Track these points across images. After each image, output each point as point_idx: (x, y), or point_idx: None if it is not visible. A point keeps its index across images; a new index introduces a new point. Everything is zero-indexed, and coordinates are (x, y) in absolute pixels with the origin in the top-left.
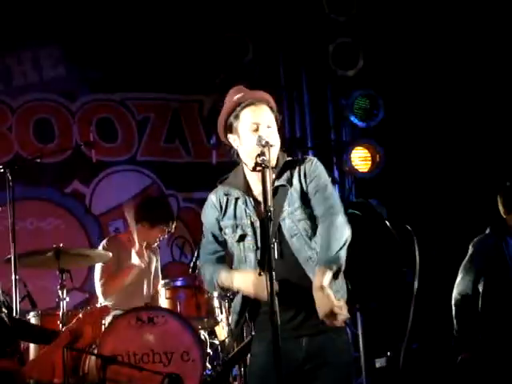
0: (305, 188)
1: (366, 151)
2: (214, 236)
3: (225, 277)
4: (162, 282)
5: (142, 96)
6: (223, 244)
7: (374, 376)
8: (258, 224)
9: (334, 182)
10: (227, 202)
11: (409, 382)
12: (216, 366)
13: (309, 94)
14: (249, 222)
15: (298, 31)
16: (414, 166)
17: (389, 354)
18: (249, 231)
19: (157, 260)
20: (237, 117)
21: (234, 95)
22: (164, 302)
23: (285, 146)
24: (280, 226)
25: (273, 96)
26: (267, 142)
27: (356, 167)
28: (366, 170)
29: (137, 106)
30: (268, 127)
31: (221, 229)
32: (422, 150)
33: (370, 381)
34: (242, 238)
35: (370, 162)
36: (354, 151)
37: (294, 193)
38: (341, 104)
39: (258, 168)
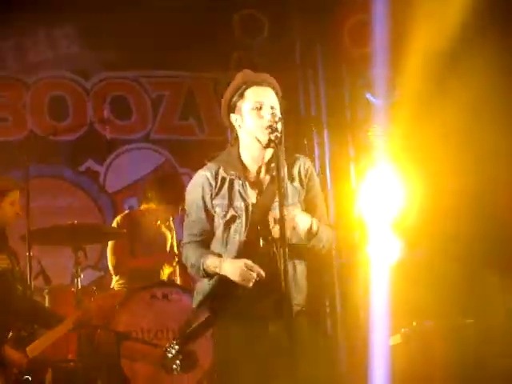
0: (304, 188)
1: (382, 130)
2: (207, 213)
3: (212, 262)
4: (176, 259)
5: (157, 74)
6: (211, 223)
7: (389, 353)
8: (251, 208)
9: (349, 160)
10: (222, 181)
11: None
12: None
13: (324, 72)
14: (243, 204)
15: (314, 8)
16: (431, 144)
17: (403, 330)
18: (241, 214)
19: (172, 237)
20: (241, 95)
21: (240, 77)
22: (178, 278)
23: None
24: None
25: (288, 74)
26: (280, 118)
27: (371, 145)
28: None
29: (151, 83)
30: (272, 108)
31: (209, 209)
32: (438, 129)
33: (384, 358)
34: (232, 219)
35: (385, 141)
36: (370, 129)
37: (290, 188)
38: (357, 82)
39: (272, 145)
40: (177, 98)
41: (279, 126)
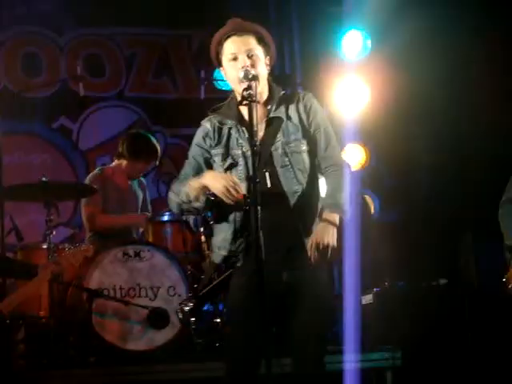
0: (306, 123)
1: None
2: (197, 162)
3: (193, 180)
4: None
5: (131, 31)
6: (204, 168)
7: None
8: (249, 154)
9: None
10: (220, 131)
11: None
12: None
13: (299, 30)
14: (240, 151)
15: None
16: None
17: (375, 290)
18: (240, 161)
19: (143, 194)
20: (221, 48)
21: (222, 29)
22: (150, 236)
23: (274, 82)
24: (272, 155)
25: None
26: (254, 76)
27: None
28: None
29: (125, 40)
30: (250, 57)
31: (208, 158)
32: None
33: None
34: (231, 166)
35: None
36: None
37: (291, 126)
38: (330, 40)
39: (245, 102)
40: (150, 56)
41: (261, 69)
